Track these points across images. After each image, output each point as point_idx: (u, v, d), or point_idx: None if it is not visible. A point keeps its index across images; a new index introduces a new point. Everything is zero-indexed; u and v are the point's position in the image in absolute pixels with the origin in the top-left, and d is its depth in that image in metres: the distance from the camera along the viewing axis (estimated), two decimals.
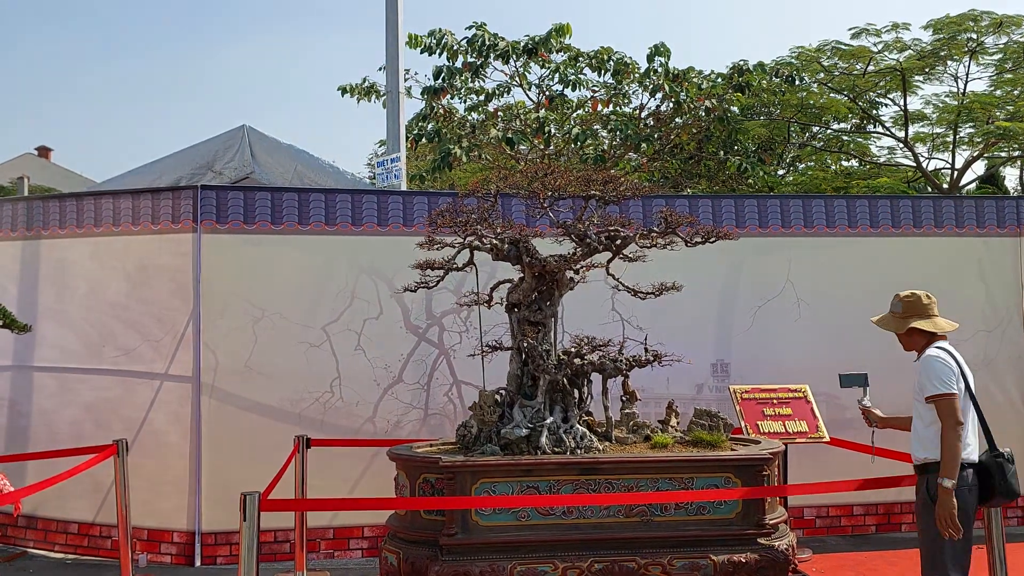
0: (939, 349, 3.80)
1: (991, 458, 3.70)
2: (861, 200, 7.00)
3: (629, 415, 4.83)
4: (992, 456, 3.71)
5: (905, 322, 3.90)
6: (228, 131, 9.71)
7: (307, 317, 6.13)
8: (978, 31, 12.63)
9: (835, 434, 5.85)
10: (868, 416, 4.28)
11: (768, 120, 13.82)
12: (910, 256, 6.76)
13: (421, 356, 6.25)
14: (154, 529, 5.99)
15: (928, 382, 3.70)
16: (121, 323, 6.21)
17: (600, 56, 11.96)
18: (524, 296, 4.65)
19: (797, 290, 6.65)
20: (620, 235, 4.63)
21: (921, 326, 3.85)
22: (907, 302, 3.92)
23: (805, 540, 6.27)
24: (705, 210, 6.68)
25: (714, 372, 6.55)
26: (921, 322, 3.86)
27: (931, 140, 14.42)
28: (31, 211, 6.52)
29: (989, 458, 3.71)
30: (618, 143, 12.28)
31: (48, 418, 6.32)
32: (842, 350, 6.40)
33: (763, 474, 4.35)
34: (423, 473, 4.28)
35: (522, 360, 4.61)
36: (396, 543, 4.31)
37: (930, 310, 3.90)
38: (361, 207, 6.31)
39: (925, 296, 3.91)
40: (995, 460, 3.69)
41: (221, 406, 6.00)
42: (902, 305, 3.94)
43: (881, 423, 4.23)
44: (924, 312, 3.89)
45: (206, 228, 6.08)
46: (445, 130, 11.85)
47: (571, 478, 4.20)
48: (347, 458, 5.96)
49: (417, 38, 11.61)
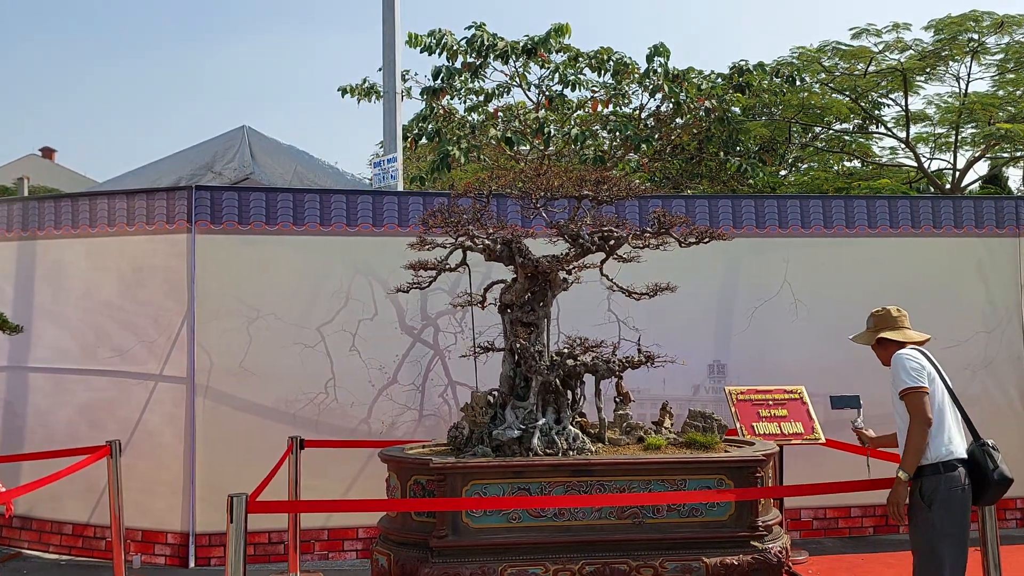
0: (910, 348, 3.88)
1: (977, 447, 3.73)
2: (859, 200, 6.96)
3: (622, 416, 4.81)
4: (979, 446, 3.73)
5: (874, 335, 4.03)
6: (228, 132, 9.71)
7: (302, 318, 6.11)
8: (979, 31, 12.58)
9: (832, 435, 5.82)
10: (861, 438, 4.34)
11: (769, 120, 13.78)
12: (908, 257, 6.72)
13: (416, 357, 6.23)
14: (148, 530, 5.99)
15: (897, 377, 3.77)
16: (116, 323, 6.20)
17: (600, 56, 11.93)
18: (517, 297, 4.63)
19: (794, 291, 6.62)
20: (613, 235, 4.61)
21: (890, 336, 3.96)
22: (877, 316, 4.07)
23: (802, 542, 6.24)
24: (702, 210, 6.66)
25: (711, 373, 6.52)
26: (890, 333, 3.98)
27: (933, 140, 14.37)
28: (27, 212, 6.52)
29: (976, 448, 3.73)
30: (618, 143, 12.25)
31: (44, 419, 6.32)
32: (839, 351, 6.32)
33: (756, 476, 4.33)
34: (414, 475, 4.26)
35: (515, 361, 4.59)
36: (387, 545, 4.29)
37: (899, 322, 4.01)
38: (356, 208, 6.29)
39: (895, 310, 4.04)
40: (981, 449, 3.72)
41: (215, 407, 5.99)
42: (872, 319, 4.08)
43: (873, 443, 4.29)
44: (893, 324, 4.01)
45: (201, 229, 6.07)
46: (445, 130, 11.84)
47: (562, 480, 4.18)
48: (342, 459, 5.95)
49: (417, 37, 11.60)
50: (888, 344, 3.97)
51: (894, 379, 3.79)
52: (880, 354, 4.04)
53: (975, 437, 3.77)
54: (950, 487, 3.63)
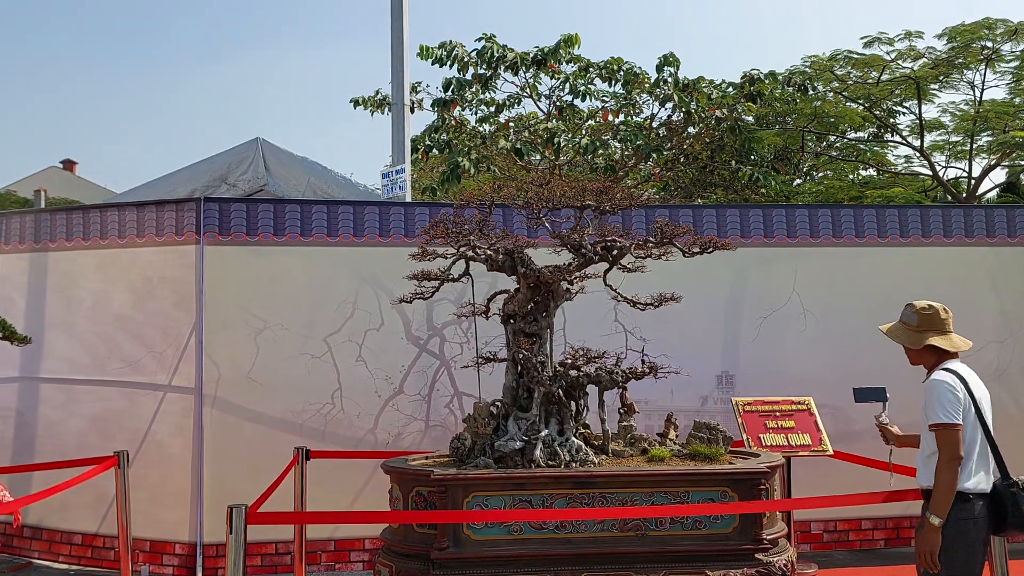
0: (949, 372, 3.50)
1: (1005, 487, 3.45)
2: (868, 210, 6.91)
3: (626, 428, 4.78)
4: (1006, 485, 3.46)
5: (921, 337, 3.60)
6: (242, 144, 9.79)
7: (309, 328, 6.14)
8: (993, 39, 12.49)
9: (840, 447, 5.76)
10: (885, 434, 4.03)
11: (783, 129, 13.72)
12: (919, 266, 6.66)
13: (422, 367, 6.24)
14: (157, 540, 6.01)
15: (931, 409, 3.44)
16: (126, 334, 6.25)
17: (610, 66, 11.93)
18: (520, 307, 4.62)
19: (803, 301, 6.57)
20: (616, 245, 4.59)
21: (938, 343, 3.57)
22: (924, 315, 3.61)
23: (811, 555, 6.17)
24: (710, 220, 6.63)
25: (719, 384, 6.48)
26: (938, 339, 3.58)
27: (948, 148, 14.25)
28: (39, 224, 6.60)
29: (1003, 487, 3.46)
30: (629, 153, 12.24)
31: (54, 429, 6.37)
32: (849, 362, 6.32)
33: (761, 488, 4.28)
34: (416, 486, 4.25)
35: (517, 372, 4.57)
36: (389, 556, 4.28)
37: (947, 325, 3.62)
38: (363, 218, 6.32)
39: (943, 310, 3.63)
40: (1009, 490, 3.44)
41: (223, 417, 6.01)
42: (917, 318, 3.63)
43: (898, 442, 3.96)
44: (942, 327, 3.60)
45: (209, 240, 6.12)
46: (456, 141, 11.88)
47: (565, 492, 4.16)
48: (349, 470, 5.95)
49: (428, 50, 11.66)
50: (929, 350, 3.59)
51: (927, 407, 3.47)
52: (913, 355, 3.67)
53: (1004, 474, 3.49)
54: (960, 518, 3.37)
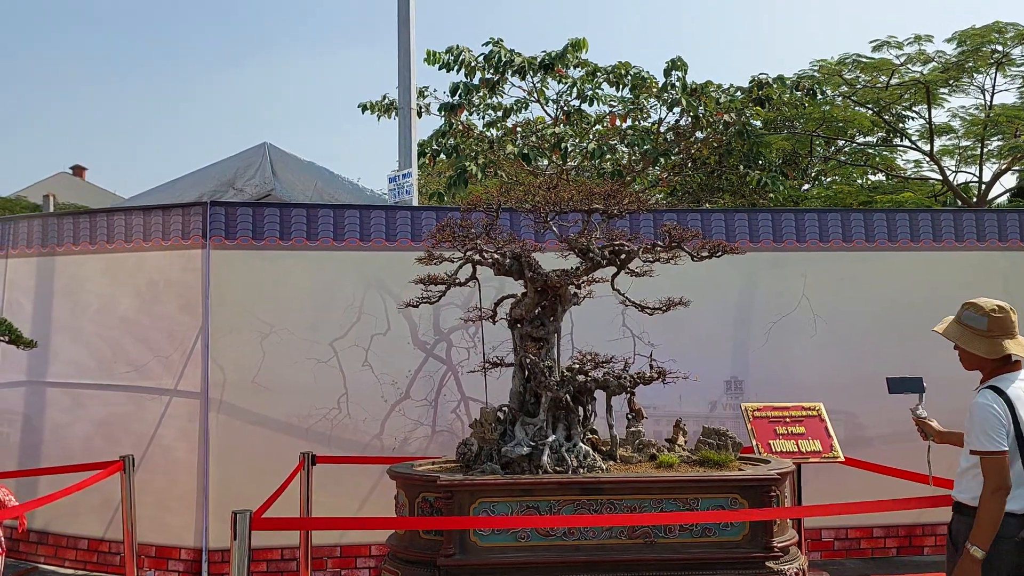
0: (995, 393, 3.19)
1: None
2: (879, 214, 6.85)
3: (635, 433, 4.74)
4: None
5: (995, 344, 3.20)
6: (249, 148, 9.81)
7: (315, 333, 6.11)
8: (1004, 43, 12.41)
9: (851, 453, 5.69)
10: (923, 429, 3.75)
11: (791, 134, 13.65)
12: (930, 271, 6.58)
13: (429, 372, 6.20)
14: (162, 545, 5.98)
15: (973, 434, 3.19)
16: (132, 338, 6.24)
17: (617, 71, 11.90)
18: (527, 311, 4.58)
19: (813, 306, 6.50)
20: (624, 249, 4.56)
21: (1014, 349, 3.19)
22: (995, 318, 3.22)
23: (822, 563, 6.11)
24: (718, 224, 6.58)
25: (728, 389, 6.42)
26: (1016, 346, 3.20)
27: (958, 153, 14.17)
28: (46, 228, 6.60)
29: None
30: (637, 158, 12.20)
31: (60, 433, 6.36)
32: (859, 367, 6.25)
33: (771, 495, 4.22)
34: (422, 492, 4.22)
35: (524, 377, 4.54)
36: (395, 563, 4.25)
37: (1015, 329, 3.24)
38: (369, 222, 6.30)
39: (1012, 310, 3.25)
40: None
41: (229, 421, 5.99)
42: (988, 321, 3.24)
43: (939, 438, 3.68)
44: (1011, 331, 3.21)
45: (215, 244, 6.10)
46: (463, 146, 11.86)
47: (572, 498, 4.11)
48: (356, 475, 5.91)
49: (435, 55, 11.65)
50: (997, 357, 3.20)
51: (970, 431, 3.20)
52: (975, 361, 3.31)
53: None
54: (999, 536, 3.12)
